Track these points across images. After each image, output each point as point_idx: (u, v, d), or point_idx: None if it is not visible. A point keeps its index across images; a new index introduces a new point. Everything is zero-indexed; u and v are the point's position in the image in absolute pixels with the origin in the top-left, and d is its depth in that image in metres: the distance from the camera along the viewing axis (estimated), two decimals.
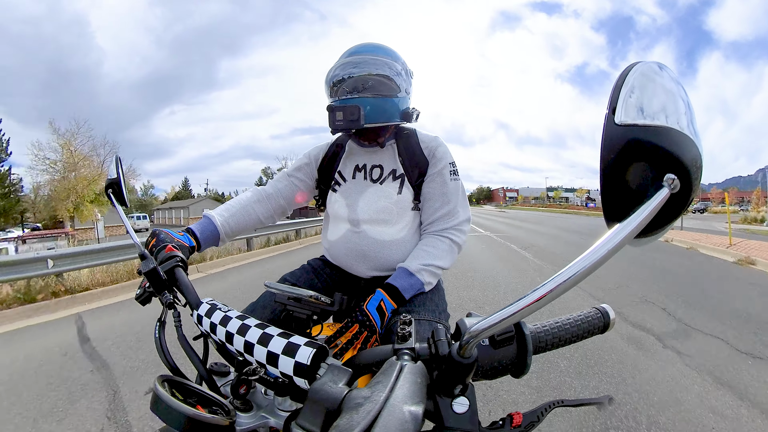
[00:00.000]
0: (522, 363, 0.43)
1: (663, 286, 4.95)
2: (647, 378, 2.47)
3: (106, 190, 0.90)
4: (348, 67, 0.99)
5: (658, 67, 0.35)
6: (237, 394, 0.53)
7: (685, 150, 0.32)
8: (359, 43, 1.05)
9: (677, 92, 0.34)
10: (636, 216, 0.31)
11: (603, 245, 0.31)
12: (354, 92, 0.99)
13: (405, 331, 0.46)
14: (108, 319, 4.05)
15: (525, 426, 0.45)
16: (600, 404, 0.50)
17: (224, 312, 0.59)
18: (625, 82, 0.33)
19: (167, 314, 0.72)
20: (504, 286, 4.98)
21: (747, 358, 2.78)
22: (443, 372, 0.40)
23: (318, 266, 1.17)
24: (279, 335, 0.52)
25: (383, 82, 0.99)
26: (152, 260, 0.71)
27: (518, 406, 2.16)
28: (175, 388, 0.50)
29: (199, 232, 0.98)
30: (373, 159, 1.09)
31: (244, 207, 1.13)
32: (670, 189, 0.31)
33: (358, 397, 0.35)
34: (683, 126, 0.33)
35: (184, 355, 0.64)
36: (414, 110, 1.07)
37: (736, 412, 2.09)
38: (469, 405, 0.41)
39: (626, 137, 0.32)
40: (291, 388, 0.51)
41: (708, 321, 3.57)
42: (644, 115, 0.33)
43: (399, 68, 1.01)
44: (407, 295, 0.91)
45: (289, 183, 1.20)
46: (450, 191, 1.05)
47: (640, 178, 0.32)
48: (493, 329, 0.34)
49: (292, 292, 0.66)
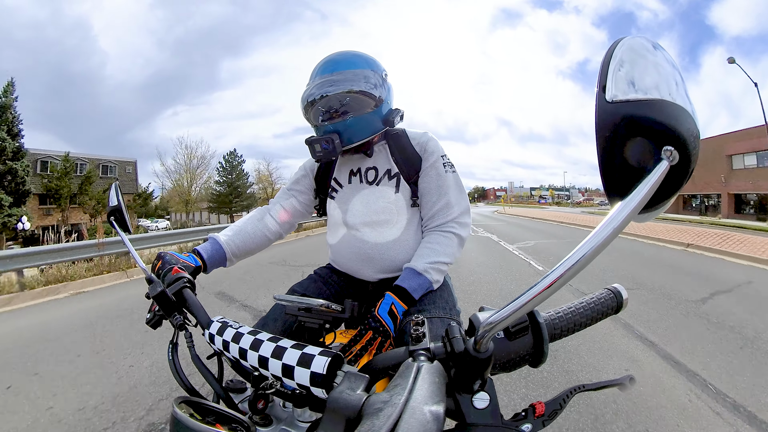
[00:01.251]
0: (539, 352, 0.42)
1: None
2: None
3: (108, 217, 0.91)
4: (324, 86, 0.97)
5: (645, 41, 0.34)
6: (255, 409, 0.52)
7: (681, 121, 0.31)
8: (333, 55, 1.03)
9: (667, 64, 0.34)
10: (638, 191, 0.31)
11: (608, 224, 0.30)
12: (329, 118, 0.98)
13: (419, 332, 0.46)
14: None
15: (548, 415, 0.44)
16: (621, 385, 0.49)
17: (235, 329, 0.59)
18: (612, 57, 0.33)
19: (179, 336, 0.72)
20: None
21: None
22: (461, 369, 0.39)
23: (325, 274, 1.17)
24: (292, 347, 0.52)
25: (359, 98, 0.97)
26: (159, 283, 0.71)
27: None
28: (193, 408, 0.50)
29: (205, 252, 0.98)
30: (367, 162, 1.09)
31: (248, 226, 1.13)
32: (669, 161, 0.31)
33: (377, 402, 0.34)
34: (676, 97, 0.32)
35: (200, 375, 0.64)
36: (396, 111, 1.06)
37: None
38: (490, 399, 0.41)
39: (620, 114, 0.32)
40: (309, 398, 0.50)
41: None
42: (636, 89, 0.32)
43: (374, 79, 0.99)
44: (416, 296, 0.91)
45: (290, 196, 1.20)
46: (445, 183, 1.04)
47: (638, 154, 0.32)
48: (507, 321, 0.34)
49: (302, 303, 0.66)
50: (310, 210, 1.26)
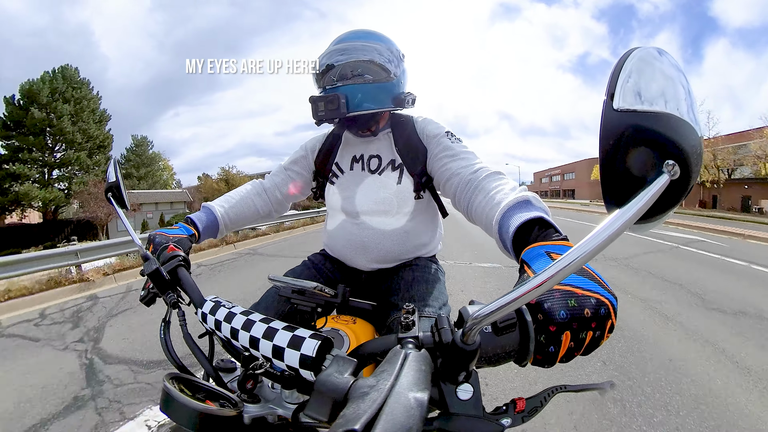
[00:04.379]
0: (524, 350, 0.43)
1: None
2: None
3: (106, 193, 0.90)
4: (335, 54, 0.97)
5: (657, 53, 0.34)
6: (244, 388, 0.53)
7: (685, 136, 0.32)
8: (349, 30, 1.03)
9: (677, 78, 0.34)
10: (636, 202, 0.31)
11: (603, 231, 0.30)
12: (339, 81, 0.96)
13: (408, 320, 0.46)
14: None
15: (528, 411, 0.45)
16: (602, 389, 0.51)
17: (228, 308, 0.60)
18: (623, 68, 0.33)
19: (171, 314, 0.72)
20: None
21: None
22: (447, 359, 0.40)
23: (318, 261, 1.16)
24: (284, 329, 0.53)
25: (370, 67, 0.96)
26: (155, 261, 0.71)
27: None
28: (184, 384, 0.51)
29: (199, 221, 0.98)
30: (371, 149, 1.07)
31: (243, 199, 1.12)
32: (670, 175, 0.31)
33: (363, 386, 0.35)
34: (683, 112, 0.32)
35: (191, 354, 0.65)
36: (408, 95, 1.04)
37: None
38: (473, 391, 0.42)
39: (625, 123, 0.32)
40: (297, 380, 0.51)
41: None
42: (643, 100, 0.32)
43: (388, 53, 0.98)
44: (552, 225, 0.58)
45: (286, 176, 1.19)
46: (463, 153, 0.92)
47: (639, 164, 0.32)
48: (495, 315, 0.34)
49: (296, 285, 0.67)
50: (306, 192, 1.23)
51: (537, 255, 0.50)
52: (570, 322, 0.40)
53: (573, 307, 0.41)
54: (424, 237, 1.09)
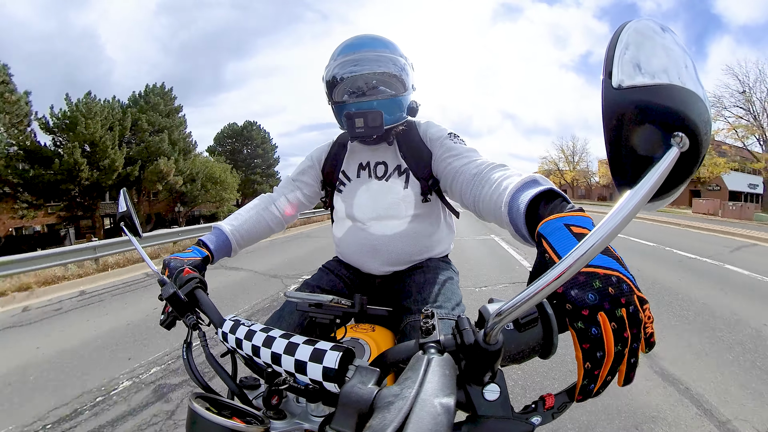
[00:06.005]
0: (548, 343, 0.42)
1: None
2: None
3: (119, 222, 0.92)
4: (348, 65, 0.96)
5: (652, 22, 0.33)
6: (269, 405, 0.53)
7: (691, 106, 0.30)
8: (355, 37, 1.01)
9: (675, 46, 0.32)
10: (647, 180, 0.29)
11: (617, 213, 0.29)
12: (362, 95, 0.96)
13: (428, 325, 0.46)
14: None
15: (558, 407, 0.44)
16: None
17: (248, 327, 0.60)
18: (619, 41, 0.32)
19: (192, 335, 0.73)
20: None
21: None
22: (471, 361, 0.39)
23: (334, 267, 1.16)
24: (304, 343, 0.53)
25: (390, 81, 0.96)
26: (172, 285, 0.72)
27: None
28: (209, 403, 0.51)
29: (211, 242, 0.99)
30: (376, 156, 1.08)
31: (251, 215, 1.13)
32: (680, 148, 0.29)
33: (388, 395, 0.35)
34: (685, 81, 0.31)
35: (215, 374, 0.66)
36: (416, 103, 1.05)
37: None
38: (500, 391, 0.41)
39: (626, 101, 0.31)
40: (322, 393, 0.51)
41: None
42: (643, 73, 0.31)
43: (402, 62, 0.98)
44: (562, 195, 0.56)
45: (294, 188, 1.20)
46: (466, 152, 0.91)
47: (647, 141, 0.31)
48: (516, 312, 0.33)
49: (312, 299, 0.67)
50: (315, 201, 1.25)
51: (555, 228, 0.47)
52: (601, 302, 0.39)
53: (599, 288, 0.39)
54: (434, 238, 1.09)
